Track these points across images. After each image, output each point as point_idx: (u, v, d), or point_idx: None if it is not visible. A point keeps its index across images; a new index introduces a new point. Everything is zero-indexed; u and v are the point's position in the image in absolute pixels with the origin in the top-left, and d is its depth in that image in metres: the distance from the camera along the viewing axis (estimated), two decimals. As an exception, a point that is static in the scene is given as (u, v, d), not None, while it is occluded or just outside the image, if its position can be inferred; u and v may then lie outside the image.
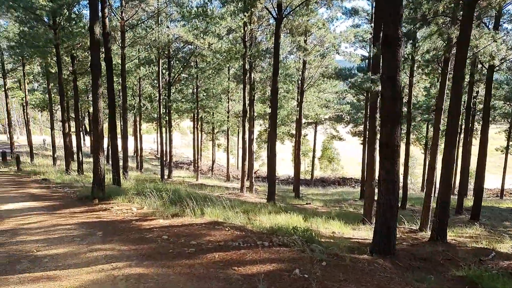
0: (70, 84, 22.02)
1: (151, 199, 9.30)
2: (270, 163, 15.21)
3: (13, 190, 12.82)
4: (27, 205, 9.59)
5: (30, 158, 25.49)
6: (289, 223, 7.99)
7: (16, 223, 7.48)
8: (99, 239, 6.08)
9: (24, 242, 6.00)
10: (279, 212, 10.86)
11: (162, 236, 6.10)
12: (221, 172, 45.29)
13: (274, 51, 14.73)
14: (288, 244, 5.59)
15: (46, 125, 67.73)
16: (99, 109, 10.15)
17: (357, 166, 62.26)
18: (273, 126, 15.19)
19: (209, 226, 6.75)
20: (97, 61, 10.13)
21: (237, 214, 8.55)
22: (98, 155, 10.23)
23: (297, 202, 18.87)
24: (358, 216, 14.04)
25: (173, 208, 8.47)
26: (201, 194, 15.10)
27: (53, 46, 18.04)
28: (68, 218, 7.79)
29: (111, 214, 8.23)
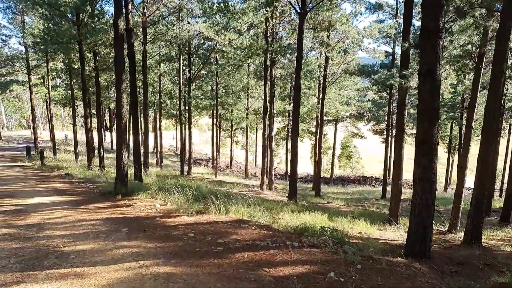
0: (92, 80, 22.22)
1: (174, 195, 9.21)
2: (292, 161, 14.96)
3: (37, 184, 12.97)
4: (52, 200, 9.64)
5: (53, 153, 25.91)
6: (315, 222, 7.77)
7: (42, 217, 7.49)
8: (124, 236, 5.99)
9: (50, 237, 5.96)
10: (302, 211, 10.63)
11: (188, 233, 5.96)
12: (239, 169, 45.23)
13: (298, 46, 14.45)
14: (319, 245, 5.37)
15: (68, 121, 69.11)
16: (122, 105, 10.11)
17: (377, 164, 61.38)
18: (295, 123, 14.93)
19: (234, 224, 6.59)
20: (121, 56, 10.09)
21: (263, 212, 8.38)
22: (121, 151, 10.20)
23: (318, 201, 18.58)
24: (382, 216, 13.69)
25: (197, 205, 8.35)
26: (222, 191, 15.01)
27: (76, 42, 18.21)
28: (93, 214, 7.75)
29: (134, 210, 8.16)
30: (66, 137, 45.05)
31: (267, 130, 19.09)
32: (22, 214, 7.76)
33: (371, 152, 58.62)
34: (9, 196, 10.17)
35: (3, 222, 7.13)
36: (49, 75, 27.53)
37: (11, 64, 30.28)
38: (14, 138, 44.91)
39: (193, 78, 26.44)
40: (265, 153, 19.06)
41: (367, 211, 15.36)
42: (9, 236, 6.10)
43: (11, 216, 7.64)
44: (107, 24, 19.09)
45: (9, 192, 10.88)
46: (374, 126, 40.08)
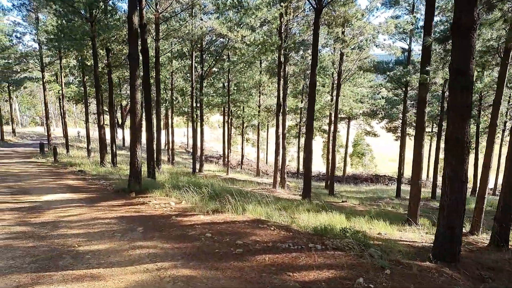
0: (104, 77, 22.21)
1: (189, 193, 9.04)
2: (306, 159, 14.69)
3: (51, 181, 12.94)
4: (65, 197, 9.56)
5: (66, 150, 26.04)
6: (333, 223, 7.52)
7: (56, 215, 7.38)
8: (140, 235, 5.82)
9: (65, 236, 5.83)
10: (318, 210, 10.38)
11: (206, 233, 5.77)
12: (250, 167, 45.05)
13: (313, 42, 14.15)
14: (342, 247, 5.13)
15: (80, 118, 69.74)
16: (136, 101, 9.97)
17: (388, 162, 60.60)
18: (310, 121, 14.64)
19: (252, 225, 6.38)
20: (135, 52, 9.93)
21: (280, 212, 8.17)
22: (135, 148, 10.07)
23: (332, 200, 18.28)
24: (399, 215, 13.38)
25: (213, 203, 8.16)
26: (234, 189, 14.83)
27: (90, 38, 18.18)
28: (107, 212, 7.62)
29: (149, 208, 8.01)
30: (78, 133, 45.40)
31: (280, 128, 18.83)
32: (37, 212, 7.67)
33: (382, 150, 57.95)
34: (23, 193, 10.13)
35: (18, 219, 7.04)
36: (62, 72, 27.66)
37: (25, 61, 30.55)
38: (28, 134, 45.40)
39: (205, 75, 26.27)
40: (278, 150, 18.81)
41: (383, 210, 15.03)
42: (24, 234, 5.99)
43: (26, 213, 7.55)
44: (119, 20, 19.04)
45: (23, 189, 10.85)
46: (387, 124, 39.53)
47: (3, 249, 5.21)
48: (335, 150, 21.52)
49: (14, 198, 9.33)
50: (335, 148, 21.32)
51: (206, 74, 26.58)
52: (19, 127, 54.86)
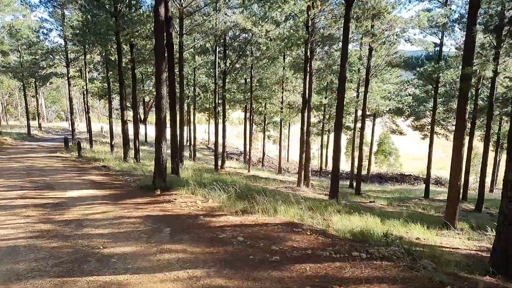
0: (128, 72, 22.15)
1: (215, 192, 8.68)
2: (335, 157, 14.14)
3: (75, 176, 12.84)
4: (90, 193, 9.35)
5: (90, 145, 26.22)
6: (369, 226, 7.01)
7: (80, 212, 7.13)
8: (167, 237, 5.48)
9: (89, 236, 5.54)
10: (349, 212, 9.86)
11: (237, 237, 5.37)
12: (271, 164, 44.60)
13: (343, 36, 13.54)
14: (389, 257, 4.64)
15: (103, 113, 70.84)
16: (162, 96, 9.65)
17: (412, 161, 59.04)
18: (339, 118, 14.07)
19: (286, 228, 5.94)
20: (161, 44, 9.61)
21: (311, 213, 7.72)
22: (161, 144, 9.77)
23: (360, 200, 17.65)
24: (433, 218, 12.68)
25: (241, 203, 7.77)
26: (258, 187, 14.42)
27: (114, 33, 18.07)
28: (132, 210, 7.33)
29: (175, 207, 7.68)
30: (101, 129, 45.98)
31: (306, 125, 18.30)
32: (61, 209, 7.45)
33: (405, 149, 56.39)
34: (48, 188, 10.00)
35: (42, 216, 6.82)
36: (86, 68, 27.87)
37: (51, 57, 30.96)
38: (53, 129, 46.27)
39: (228, 71, 25.94)
40: (303, 148, 18.30)
41: (414, 212, 14.36)
42: (48, 233, 5.73)
43: (50, 210, 7.34)
44: (143, 15, 18.91)
45: (48, 184, 10.74)
46: (414, 122, 38.33)
47: (26, 249, 4.95)
48: (362, 149, 20.81)
49: (39, 193, 9.18)
50: (362, 146, 20.62)
51: (229, 70, 26.24)
52: (45, 122, 56.07)
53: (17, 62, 34.55)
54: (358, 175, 20.75)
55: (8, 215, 6.95)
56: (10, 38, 32.04)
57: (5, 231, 5.85)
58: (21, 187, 10.04)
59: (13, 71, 33.85)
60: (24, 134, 33.87)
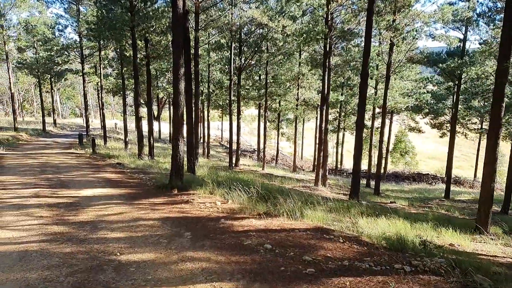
0: (142, 69, 21.90)
1: (234, 192, 8.27)
2: (356, 156, 13.62)
3: (90, 173, 12.59)
4: (104, 192, 9.04)
5: (104, 141, 26.12)
6: (400, 231, 6.51)
7: (95, 213, 6.80)
8: (188, 243, 5.08)
9: (105, 240, 5.17)
10: (373, 213, 9.35)
11: (264, 244, 4.94)
12: (285, 162, 44.11)
13: (366, 30, 12.98)
14: (436, 270, 4.15)
15: (117, 110, 71.21)
16: (180, 92, 9.27)
17: (427, 160, 57.81)
18: (361, 116, 13.51)
19: (315, 234, 5.49)
20: (179, 38, 9.21)
21: (337, 215, 7.27)
22: (178, 141, 9.40)
23: (379, 200, 17.08)
24: (460, 221, 12.07)
25: (262, 205, 7.34)
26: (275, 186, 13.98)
27: (129, 28, 17.81)
28: (149, 211, 6.96)
29: (194, 208, 7.29)
30: (115, 125, 46.04)
31: (324, 122, 17.78)
32: (75, 209, 7.13)
33: (419, 147, 55.15)
34: (62, 186, 9.73)
35: (56, 217, 6.50)
36: (101, 64, 27.75)
37: (67, 54, 30.98)
38: (67, 125, 46.54)
39: (243, 68, 25.50)
40: (321, 147, 17.79)
41: (438, 214, 13.73)
42: (61, 236, 5.40)
43: (64, 210, 7.03)
44: (159, 10, 18.62)
45: (62, 182, 10.48)
46: (432, 120, 37.37)
47: (38, 254, 4.61)
48: (381, 147, 20.17)
49: (53, 192, 8.90)
50: (382, 144, 19.95)
51: (244, 66, 25.80)
52: (59, 118, 56.51)
53: (33, 58, 34.73)
54: (377, 174, 20.12)
55: (21, 215, 6.66)
56: (27, 34, 32.17)
57: (18, 233, 5.54)
58: (35, 185, 9.79)
59: (29, 67, 34.04)
60: (40, 130, 34.03)
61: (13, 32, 32.52)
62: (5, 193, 8.62)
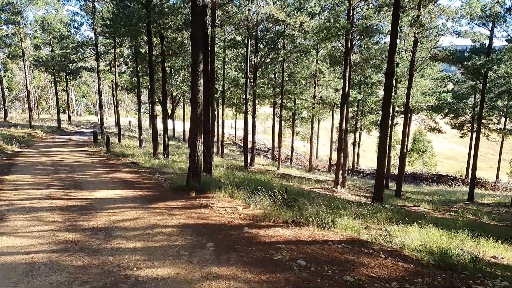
0: (157, 66, 21.55)
1: (256, 196, 7.75)
2: (380, 157, 12.98)
3: (103, 173, 12.22)
4: (119, 194, 8.61)
5: (118, 139, 25.90)
6: (436, 241, 5.89)
7: (109, 218, 6.35)
8: (212, 256, 4.57)
9: (120, 251, 4.70)
10: (401, 219, 8.73)
11: (297, 260, 4.40)
12: (299, 161, 43.47)
13: (392, 25, 12.27)
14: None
15: (131, 107, 71.46)
16: (198, 89, 8.77)
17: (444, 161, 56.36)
18: (386, 114, 12.83)
19: (352, 248, 4.92)
20: (198, 32, 8.71)
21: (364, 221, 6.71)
22: (196, 141, 8.91)
23: (402, 203, 16.37)
24: (492, 228, 11.36)
25: (287, 210, 6.80)
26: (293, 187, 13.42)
27: (145, 24, 17.44)
28: (167, 217, 6.48)
29: (214, 214, 6.79)
30: (130, 123, 46.01)
31: (344, 121, 17.14)
32: (88, 213, 6.69)
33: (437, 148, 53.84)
34: (75, 187, 9.34)
35: (67, 222, 6.07)
36: (116, 61, 27.53)
37: (82, 51, 30.90)
38: (82, 123, 46.70)
39: (259, 65, 24.95)
40: (341, 147, 17.16)
41: (467, 220, 12.98)
42: (73, 245, 4.95)
43: (76, 214, 6.60)
44: (174, 6, 18.26)
45: (75, 182, 10.11)
46: (452, 120, 36.31)
47: (47, 268, 4.15)
48: (404, 148, 19.40)
49: (66, 193, 8.51)
50: (405, 145, 19.18)
51: (260, 64, 25.25)
52: (74, 116, 56.86)
53: (48, 56, 34.81)
54: (399, 176, 19.38)
55: (31, 219, 6.25)
56: (43, 32, 32.23)
57: (26, 241, 5.11)
58: (48, 185, 9.43)
59: (45, 64, 34.12)
60: (54, 127, 34.10)
61: (29, 29, 32.64)
62: (16, 194, 8.26)
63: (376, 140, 49.50)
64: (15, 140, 20.96)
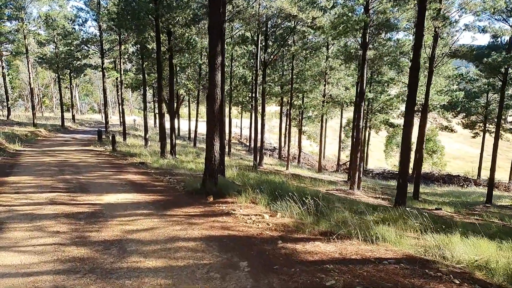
0: (165, 62, 20.81)
1: (282, 201, 6.99)
2: (404, 158, 12.21)
3: (111, 174, 11.49)
4: (129, 198, 7.86)
5: (123, 138, 25.21)
6: (492, 254, 5.11)
7: (121, 228, 5.59)
8: (249, 280, 3.80)
9: (138, 273, 3.94)
10: (435, 226, 7.93)
11: (355, 286, 3.62)
12: (306, 161, 42.64)
13: (419, 17, 11.46)
14: None
15: (135, 106, 70.83)
16: (216, 84, 8.02)
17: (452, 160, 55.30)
18: (411, 113, 12.10)
19: (414, 269, 4.13)
20: (217, 21, 7.95)
21: (403, 231, 5.95)
22: (213, 140, 8.16)
23: (422, 206, 15.54)
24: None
25: (321, 220, 6.03)
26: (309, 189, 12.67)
27: (153, 18, 16.70)
28: (187, 226, 5.71)
29: (238, 223, 6.02)
30: (134, 121, 45.31)
31: (361, 120, 16.35)
32: (97, 221, 5.94)
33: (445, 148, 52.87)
34: (81, 190, 8.60)
35: (74, 233, 5.32)
36: (121, 58, 26.81)
37: (87, 48, 30.23)
38: (86, 121, 46.07)
39: (268, 62, 24.17)
40: (358, 146, 16.37)
41: (499, 226, 12.17)
42: (82, 263, 4.19)
43: (84, 223, 5.85)
44: (183, 0, 17.53)
45: (82, 185, 9.36)
46: (464, 119, 35.48)
47: (51, 296, 3.41)
48: (422, 148, 18.57)
49: (72, 197, 7.77)
50: (423, 145, 18.34)
51: (269, 61, 24.48)
52: (78, 114, 56.25)
53: (52, 53, 34.15)
54: (417, 177, 18.56)
55: (34, 229, 5.50)
56: (47, 28, 31.57)
57: (27, 258, 4.36)
58: (52, 188, 8.70)
59: (48, 62, 33.43)
60: (58, 125, 33.45)
61: (33, 26, 31.95)
62: (17, 199, 7.52)
63: (382, 140, 48.65)
64: (18, 138, 20.28)
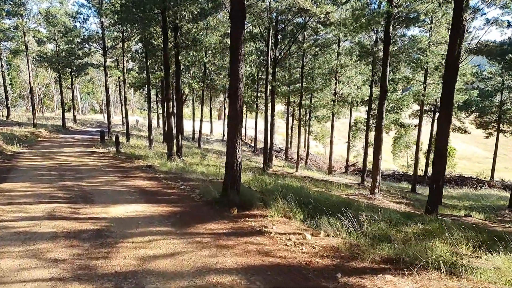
0: (171, 58, 19.77)
1: (318, 214, 5.91)
2: (438, 161, 11.16)
3: (117, 180, 10.41)
4: (140, 211, 6.77)
5: (126, 139, 24.14)
6: None
7: (136, 253, 4.51)
8: None
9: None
10: (483, 240, 6.84)
11: None
12: (314, 162, 41.55)
13: (456, 4, 10.34)
14: None
15: (137, 106, 69.81)
16: (239, 78, 6.93)
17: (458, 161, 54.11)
18: (446, 111, 11.00)
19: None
20: (241, 5, 6.88)
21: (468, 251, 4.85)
22: (235, 144, 7.10)
23: (450, 212, 14.45)
24: None
25: (377, 242, 4.95)
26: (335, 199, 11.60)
27: (160, 12, 15.66)
28: (216, 251, 4.63)
29: (276, 245, 4.93)
30: (137, 122, 44.26)
31: (383, 119, 15.27)
32: (105, 243, 4.85)
33: (451, 148, 51.81)
34: (85, 200, 7.52)
35: (77, 261, 4.24)
36: (124, 57, 25.75)
37: (88, 46, 29.23)
38: (87, 121, 45.02)
39: (278, 60, 23.10)
40: (380, 148, 15.27)
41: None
42: (88, 312, 3.12)
43: (89, 246, 4.76)
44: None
45: (84, 193, 8.28)
46: (477, 119, 34.47)
47: None
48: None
49: (73, 210, 6.68)
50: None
51: (279, 59, 23.42)
52: (79, 114, 55.14)
53: (53, 51, 33.14)
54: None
55: (26, 255, 4.42)
56: (47, 25, 30.56)
57: (15, 303, 3.30)
58: (50, 198, 7.61)
59: (49, 60, 32.42)
60: (59, 126, 32.39)
61: (33, 23, 30.91)
62: (10, 211, 6.44)
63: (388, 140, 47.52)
64: (17, 139, 19.22)
